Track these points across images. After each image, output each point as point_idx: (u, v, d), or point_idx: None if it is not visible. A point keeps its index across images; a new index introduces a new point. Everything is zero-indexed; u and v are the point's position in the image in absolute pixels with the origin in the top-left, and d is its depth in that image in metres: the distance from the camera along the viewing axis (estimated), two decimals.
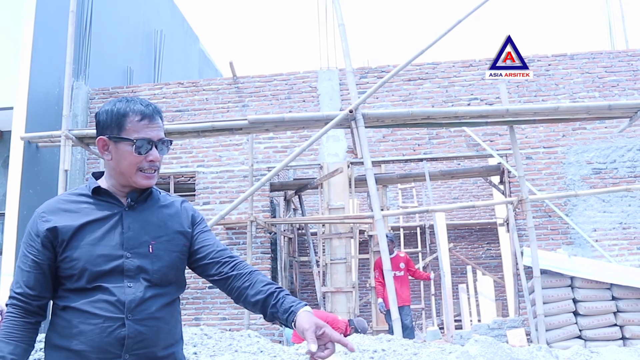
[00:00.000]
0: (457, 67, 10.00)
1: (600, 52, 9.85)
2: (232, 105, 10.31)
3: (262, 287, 1.90)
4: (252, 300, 1.90)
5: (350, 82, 7.85)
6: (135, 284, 1.84)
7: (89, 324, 1.78)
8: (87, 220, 1.89)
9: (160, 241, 1.93)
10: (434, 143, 9.82)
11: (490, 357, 4.21)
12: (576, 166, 9.43)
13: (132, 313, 1.80)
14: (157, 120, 1.95)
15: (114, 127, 1.93)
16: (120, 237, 1.88)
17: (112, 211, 1.93)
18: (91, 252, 1.84)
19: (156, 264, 1.89)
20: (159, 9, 14.68)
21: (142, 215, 1.95)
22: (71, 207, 1.93)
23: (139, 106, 1.94)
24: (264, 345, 5.68)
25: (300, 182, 11.89)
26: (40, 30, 9.62)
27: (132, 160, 1.92)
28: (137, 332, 1.80)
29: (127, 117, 1.92)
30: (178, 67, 15.38)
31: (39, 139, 9.06)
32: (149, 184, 1.95)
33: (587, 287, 8.44)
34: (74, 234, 1.86)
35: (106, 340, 1.77)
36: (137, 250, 1.88)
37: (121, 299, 1.80)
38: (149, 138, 1.91)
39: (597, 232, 9.15)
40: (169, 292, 1.93)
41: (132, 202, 1.95)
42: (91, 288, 1.81)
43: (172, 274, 1.94)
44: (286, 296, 1.86)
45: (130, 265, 1.85)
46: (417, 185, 16.02)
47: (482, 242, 15.97)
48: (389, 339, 5.21)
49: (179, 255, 1.97)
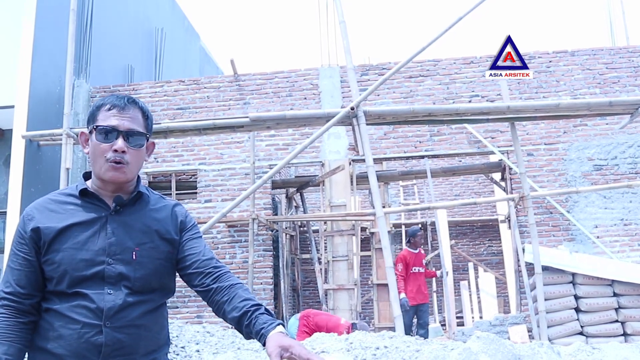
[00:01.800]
0: (458, 64, 10.00)
1: (601, 49, 9.85)
2: (234, 103, 10.32)
3: (238, 304, 1.83)
4: (229, 316, 1.85)
5: (352, 79, 7.85)
6: (115, 291, 1.80)
7: (68, 329, 1.77)
8: (70, 223, 1.85)
9: (145, 248, 1.88)
10: (435, 140, 9.82)
11: (492, 353, 4.22)
12: (577, 163, 9.43)
13: (111, 320, 1.77)
14: (129, 112, 1.90)
15: (90, 120, 1.92)
16: (103, 242, 1.84)
17: (98, 214, 1.88)
18: (73, 256, 1.80)
19: (139, 272, 1.85)
20: (160, 7, 14.68)
21: (128, 220, 1.90)
22: (57, 207, 1.89)
23: (113, 98, 1.91)
24: None
25: (301, 180, 11.89)
26: (41, 28, 9.62)
27: (97, 149, 1.86)
28: (115, 339, 1.77)
29: (100, 109, 1.90)
30: (179, 65, 15.38)
31: (40, 137, 9.08)
32: (115, 177, 1.87)
33: (588, 283, 8.45)
34: (56, 236, 1.83)
35: (84, 346, 1.75)
36: (120, 256, 1.84)
37: (100, 305, 1.77)
38: (112, 126, 1.86)
39: (599, 229, 9.15)
40: (152, 298, 1.89)
41: (118, 207, 1.90)
42: (71, 293, 1.79)
43: (156, 281, 1.89)
44: (259, 316, 1.78)
45: (112, 272, 1.81)
46: (419, 183, 16.00)
47: (484, 239, 15.97)
48: (391, 335, 5.22)
49: (163, 262, 1.91)
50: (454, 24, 7.65)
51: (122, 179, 1.89)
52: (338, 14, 8.09)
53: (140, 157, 1.94)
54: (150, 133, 1.98)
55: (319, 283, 10.85)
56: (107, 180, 1.88)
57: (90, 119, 1.92)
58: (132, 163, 1.90)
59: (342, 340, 5.15)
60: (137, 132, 1.90)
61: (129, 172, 1.90)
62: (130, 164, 1.89)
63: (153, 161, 10.09)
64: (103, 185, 1.91)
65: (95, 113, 1.91)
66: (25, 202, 9.21)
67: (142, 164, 2.00)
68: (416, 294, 8.91)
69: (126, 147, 1.87)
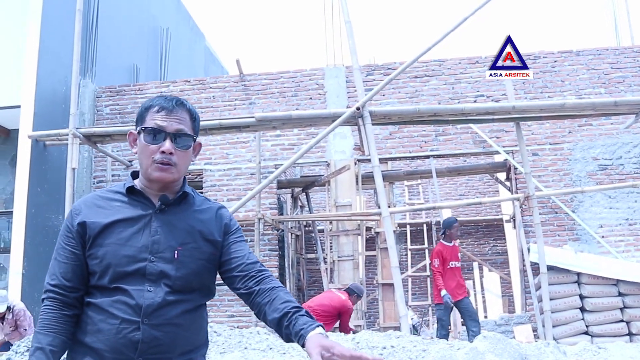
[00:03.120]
0: (464, 64, 10.00)
1: (606, 49, 9.84)
2: (239, 103, 10.34)
3: (278, 305, 1.83)
4: (269, 318, 1.84)
5: (357, 79, 7.86)
6: (155, 289, 1.82)
7: (107, 324, 1.78)
8: (116, 219, 1.88)
9: (187, 247, 1.89)
10: (440, 140, 9.83)
11: (499, 353, 4.24)
12: (582, 162, 9.43)
13: (149, 318, 1.78)
14: (177, 113, 1.92)
15: (138, 121, 1.95)
16: (147, 240, 1.86)
17: (143, 212, 1.91)
18: (117, 252, 1.83)
19: (180, 271, 1.86)
20: (165, 7, 14.71)
21: (172, 219, 1.92)
22: (104, 203, 1.93)
23: (162, 99, 1.93)
24: (273, 342, 5.71)
25: (307, 180, 11.90)
26: (46, 28, 9.66)
27: (146, 150, 1.89)
28: (152, 337, 1.78)
29: (149, 110, 1.93)
30: (184, 65, 15.41)
31: (47, 137, 9.13)
32: (162, 177, 1.89)
33: (593, 283, 8.46)
34: (101, 232, 1.86)
35: (121, 341, 1.76)
36: (162, 254, 1.85)
37: (139, 302, 1.79)
38: (160, 127, 1.88)
39: (604, 229, 9.15)
40: (192, 298, 1.89)
41: (163, 206, 1.92)
42: (112, 288, 1.81)
43: (196, 281, 1.90)
44: (299, 317, 1.77)
45: (153, 269, 1.83)
46: (424, 182, 16.01)
47: (489, 239, 15.98)
48: (398, 335, 5.24)
49: (204, 263, 1.92)
50: (459, 24, 7.66)
51: (169, 179, 1.91)
52: (344, 14, 8.10)
53: (187, 158, 1.96)
54: (197, 134, 1.99)
55: (325, 283, 10.86)
56: (154, 180, 1.91)
57: (139, 120, 1.94)
58: (179, 164, 1.92)
59: (349, 340, 5.17)
60: (184, 134, 1.92)
61: (176, 172, 1.92)
62: (177, 164, 1.91)
63: None
64: (150, 184, 1.94)
65: (144, 114, 1.93)
66: (31, 202, 9.26)
67: (189, 165, 2.02)
68: (455, 289, 8.15)
69: (173, 148, 1.89)
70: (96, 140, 8.77)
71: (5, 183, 10.15)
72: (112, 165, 10.32)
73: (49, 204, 9.64)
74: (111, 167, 10.31)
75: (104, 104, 10.72)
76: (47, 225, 9.60)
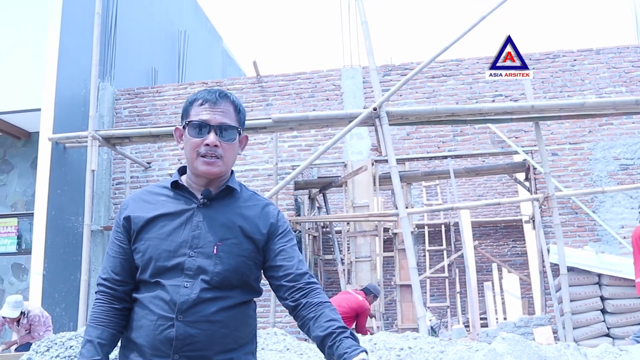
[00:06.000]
0: (481, 63, 9.93)
1: (627, 47, 9.72)
2: (256, 104, 10.36)
3: (324, 323, 1.79)
4: (313, 334, 1.81)
5: (374, 79, 7.84)
6: (192, 285, 1.80)
7: (147, 320, 1.79)
8: (158, 214, 1.88)
9: (227, 243, 1.86)
10: (458, 140, 9.77)
11: (518, 354, 4.19)
12: (603, 162, 9.32)
13: (184, 314, 1.77)
14: (221, 106, 1.90)
15: (183, 116, 1.95)
16: (188, 235, 1.85)
17: (186, 207, 1.90)
18: (158, 246, 1.83)
19: (218, 266, 1.83)
20: (183, 10, 14.80)
21: (214, 214, 1.90)
22: (150, 198, 1.94)
23: (205, 93, 1.92)
24: (291, 342, 5.70)
25: (324, 181, 11.90)
26: (66, 32, 9.75)
27: (190, 144, 1.88)
28: (187, 334, 1.76)
29: (193, 104, 1.92)
30: (202, 67, 15.48)
31: (66, 139, 9.21)
32: (208, 171, 1.87)
33: (614, 284, 8.35)
34: (144, 226, 1.87)
35: (158, 338, 1.77)
36: (201, 249, 1.83)
37: (173, 298, 1.77)
38: (203, 120, 1.87)
39: (625, 229, 9.03)
40: (232, 295, 1.85)
41: (206, 200, 1.90)
42: (153, 282, 1.82)
43: (236, 278, 1.86)
44: (344, 339, 1.73)
45: (191, 264, 1.81)
46: (442, 183, 15.96)
47: (508, 240, 15.87)
48: (415, 336, 5.20)
49: (245, 260, 1.88)
50: (476, 23, 7.61)
51: (215, 173, 1.89)
52: (360, 15, 8.09)
53: (233, 150, 1.94)
54: (242, 127, 1.97)
55: (342, 284, 10.85)
56: (201, 174, 1.90)
57: (184, 114, 1.94)
58: (226, 157, 1.90)
59: (366, 342, 5.15)
60: (229, 126, 1.90)
61: (223, 165, 1.90)
62: (223, 157, 1.89)
63: (177, 162, 10.17)
64: (196, 179, 1.93)
65: (188, 108, 1.93)
66: (52, 203, 9.35)
67: (236, 158, 2.01)
68: None
69: (218, 141, 1.87)
70: (115, 142, 8.84)
71: (27, 185, 10.26)
72: (130, 167, 10.39)
73: (69, 206, 9.74)
74: (130, 169, 10.38)
75: (122, 107, 10.80)
76: (67, 226, 9.69)
